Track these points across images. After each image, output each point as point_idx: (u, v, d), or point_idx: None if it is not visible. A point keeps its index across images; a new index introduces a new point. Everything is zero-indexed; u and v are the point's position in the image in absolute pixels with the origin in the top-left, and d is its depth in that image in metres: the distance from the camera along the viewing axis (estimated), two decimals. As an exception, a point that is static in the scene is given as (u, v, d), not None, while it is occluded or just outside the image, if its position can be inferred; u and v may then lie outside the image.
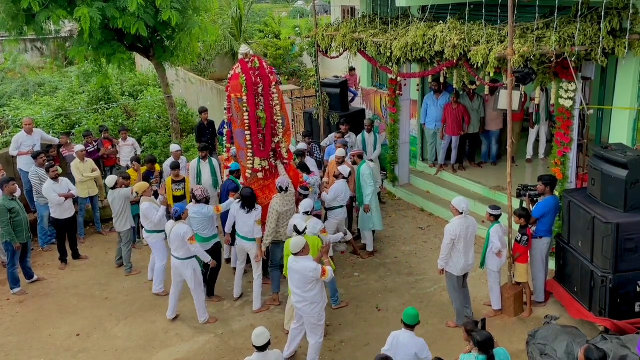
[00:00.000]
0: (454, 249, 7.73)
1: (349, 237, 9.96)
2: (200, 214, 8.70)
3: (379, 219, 10.09)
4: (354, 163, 9.89)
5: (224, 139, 10.03)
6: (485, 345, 5.53)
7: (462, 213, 7.72)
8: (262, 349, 5.95)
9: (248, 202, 8.41)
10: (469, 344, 5.94)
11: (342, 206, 9.52)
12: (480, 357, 5.55)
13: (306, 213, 8.30)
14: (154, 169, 10.97)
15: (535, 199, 8.38)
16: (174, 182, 10.40)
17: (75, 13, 10.81)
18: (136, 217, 10.59)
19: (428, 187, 12.30)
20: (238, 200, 8.59)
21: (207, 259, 8.40)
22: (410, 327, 6.22)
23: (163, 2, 11.07)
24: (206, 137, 12.73)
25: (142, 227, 11.10)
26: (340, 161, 9.86)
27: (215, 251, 8.93)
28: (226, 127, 9.52)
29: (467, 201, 7.93)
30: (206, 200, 8.80)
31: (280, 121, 9.06)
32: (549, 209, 8.10)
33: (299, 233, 7.46)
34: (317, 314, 7.11)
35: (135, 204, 10.41)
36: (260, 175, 8.95)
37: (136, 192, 9.41)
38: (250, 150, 8.87)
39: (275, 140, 9.03)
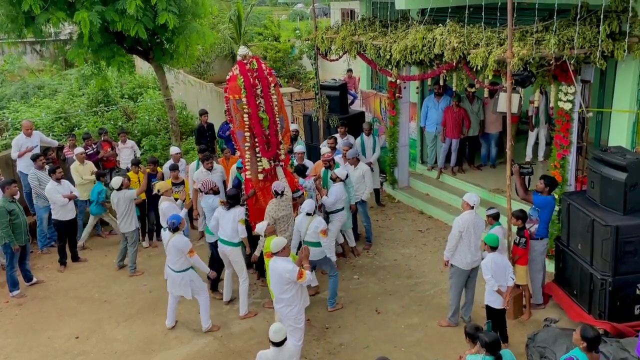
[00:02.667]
0: (461, 241, 7.79)
1: (340, 239, 10.04)
2: (207, 204, 8.90)
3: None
4: (329, 167, 9.87)
5: (224, 141, 10.06)
6: (493, 346, 5.53)
7: (472, 207, 7.80)
8: (278, 344, 6.02)
9: (232, 201, 8.42)
10: (471, 346, 5.94)
11: (343, 208, 9.53)
12: (488, 358, 5.54)
13: (309, 214, 8.37)
14: (156, 170, 10.98)
15: (526, 177, 8.41)
16: (173, 184, 10.41)
17: (75, 17, 10.84)
18: (137, 218, 10.61)
19: (427, 190, 12.31)
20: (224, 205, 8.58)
21: (206, 270, 8.42)
22: (496, 248, 7.31)
23: (160, 3, 11.07)
24: (205, 140, 12.74)
25: (146, 229, 11.17)
26: (326, 165, 9.90)
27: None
28: (232, 127, 9.53)
29: (478, 196, 8.03)
30: (213, 192, 8.94)
31: (280, 123, 9.07)
32: (551, 207, 8.13)
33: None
34: (294, 317, 7.14)
35: (136, 206, 10.43)
36: (260, 176, 8.97)
37: (157, 190, 9.46)
38: (248, 153, 8.90)
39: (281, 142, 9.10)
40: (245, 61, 8.73)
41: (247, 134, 8.79)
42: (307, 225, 8.36)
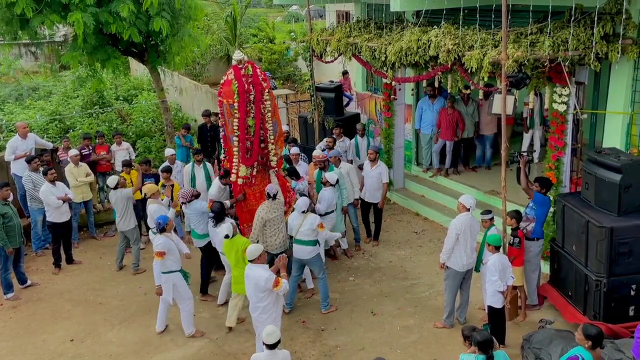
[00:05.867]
0: (457, 244, 7.79)
1: (331, 242, 10.04)
2: (193, 209, 8.87)
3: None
4: (323, 169, 9.86)
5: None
6: (485, 345, 5.56)
7: (469, 209, 7.82)
8: (272, 347, 6.02)
9: (217, 217, 8.42)
10: (468, 348, 5.95)
11: (332, 211, 9.53)
12: (480, 357, 5.57)
13: (303, 212, 8.39)
14: (149, 170, 10.97)
15: (529, 163, 8.44)
16: (163, 186, 10.39)
17: (69, 18, 10.82)
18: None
19: (423, 192, 12.32)
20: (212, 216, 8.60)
21: (158, 281, 7.99)
22: (499, 248, 7.42)
23: (151, 9, 11.06)
24: (206, 140, 12.76)
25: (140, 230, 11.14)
26: (321, 166, 9.88)
27: (209, 249, 9.03)
28: (221, 131, 9.52)
29: (474, 198, 8.05)
30: (195, 197, 8.95)
31: (272, 128, 9.09)
32: (548, 206, 8.16)
33: (227, 237, 7.72)
34: (271, 324, 6.99)
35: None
36: (240, 182, 8.96)
37: (145, 193, 9.42)
38: (236, 157, 8.90)
39: (268, 148, 9.06)
40: (240, 66, 8.74)
41: (235, 138, 8.82)
42: (300, 223, 8.36)
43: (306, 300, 9.07)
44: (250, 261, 7.06)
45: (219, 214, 8.45)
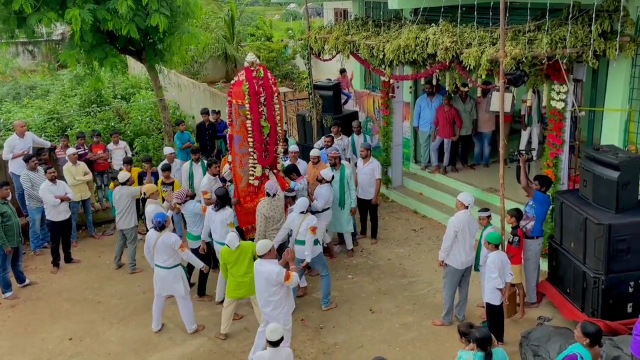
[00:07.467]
0: (456, 241, 7.80)
1: (327, 240, 10.06)
2: (188, 210, 8.88)
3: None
4: (334, 165, 9.87)
5: (223, 141, 10.07)
6: (483, 341, 5.57)
7: (467, 207, 7.83)
8: (275, 344, 6.00)
9: (221, 201, 8.45)
10: (465, 345, 5.96)
11: (328, 208, 9.54)
12: (479, 354, 5.58)
13: (302, 212, 8.38)
14: (151, 169, 10.96)
15: (529, 162, 8.46)
16: (163, 184, 10.40)
17: (66, 15, 10.79)
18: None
19: (421, 189, 12.32)
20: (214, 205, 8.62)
21: (200, 264, 8.46)
22: (498, 246, 7.40)
23: (151, 4, 11.04)
24: (205, 138, 12.74)
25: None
26: (316, 161, 9.95)
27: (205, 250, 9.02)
28: (228, 130, 9.57)
29: (472, 196, 8.06)
30: (190, 198, 8.96)
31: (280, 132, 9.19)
32: (548, 204, 8.18)
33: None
34: (283, 319, 7.03)
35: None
36: (256, 182, 9.03)
37: (144, 193, 9.43)
38: (252, 157, 8.97)
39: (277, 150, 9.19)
40: (252, 68, 8.80)
41: (251, 139, 8.90)
42: (299, 223, 8.36)
43: (305, 298, 9.07)
44: (260, 256, 7.02)
45: (222, 197, 8.45)
